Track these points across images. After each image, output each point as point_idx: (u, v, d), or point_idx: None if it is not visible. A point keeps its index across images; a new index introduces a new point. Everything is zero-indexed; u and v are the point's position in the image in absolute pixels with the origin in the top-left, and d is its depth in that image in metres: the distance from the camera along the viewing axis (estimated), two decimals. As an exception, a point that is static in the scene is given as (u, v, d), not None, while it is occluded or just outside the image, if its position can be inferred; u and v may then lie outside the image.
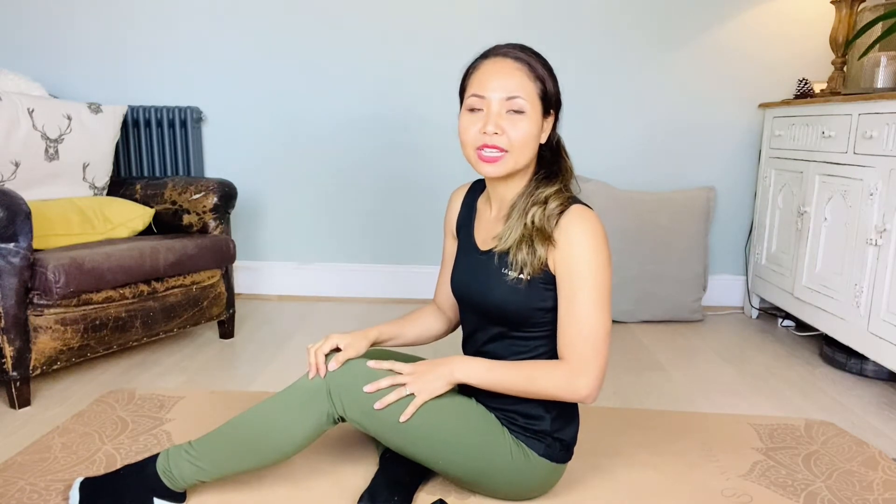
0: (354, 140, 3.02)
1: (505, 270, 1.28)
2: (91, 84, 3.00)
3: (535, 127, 1.24)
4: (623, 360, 2.34)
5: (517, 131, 1.23)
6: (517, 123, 1.23)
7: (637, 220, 2.77)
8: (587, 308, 1.22)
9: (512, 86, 1.22)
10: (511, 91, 1.22)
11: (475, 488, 1.39)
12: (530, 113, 1.23)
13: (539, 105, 1.24)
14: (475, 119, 1.25)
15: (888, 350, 1.96)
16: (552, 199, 1.26)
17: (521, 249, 1.25)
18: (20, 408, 1.83)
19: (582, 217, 1.24)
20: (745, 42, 2.88)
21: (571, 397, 1.24)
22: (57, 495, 1.38)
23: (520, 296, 1.27)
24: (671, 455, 1.62)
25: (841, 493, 1.47)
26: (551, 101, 1.27)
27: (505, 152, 1.24)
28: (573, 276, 1.22)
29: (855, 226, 2.14)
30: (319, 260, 3.15)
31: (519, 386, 1.25)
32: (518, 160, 1.26)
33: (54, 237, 2.09)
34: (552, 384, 1.23)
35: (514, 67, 1.23)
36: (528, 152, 1.27)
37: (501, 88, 1.22)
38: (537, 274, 1.25)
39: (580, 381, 1.22)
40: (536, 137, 1.26)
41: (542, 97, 1.25)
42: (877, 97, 2.05)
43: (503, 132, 1.23)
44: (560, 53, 2.91)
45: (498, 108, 1.23)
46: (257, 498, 1.39)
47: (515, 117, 1.23)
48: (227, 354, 2.34)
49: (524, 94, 1.22)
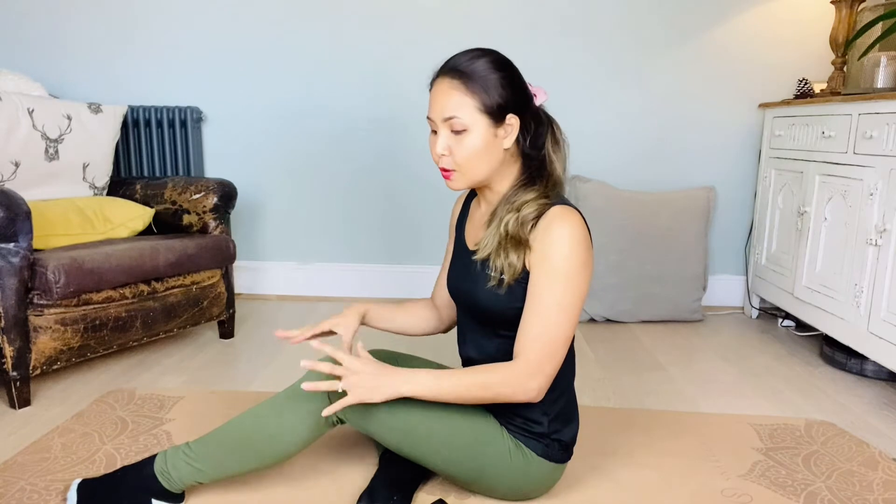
0: (354, 140, 3.02)
1: (487, 273, 1.29)
2: (91, 84, 3.00)
3: (481, 140, 1.23)
4: (623, 360, 2.34)
5: (461, 150, 1.24)
6: (461, 142, 1.24)
7: (637, 220, 2.77)
8: (552, 310, 1.20)
9: (449, 107, 1.23)
10: (448, 112, 1.23)
11: (474, 488, 1.39)
12: (473, 128, 1.23)
13: (483, 117, 1.23)
14: (433, 140, 1.28)
15: (888, 350, 1.95)
16: (527, 206, 1.25)
17: (500, 256, 1.26)
18: (20, 408, 1.83)
19: (563, 217, 1.22)
20: (745, 42, 2.88)
21: (521, 398, 1.23)
22: (57, 495, 1.38)
23: (502, 298, 1.27)
24: (671, 455, 1.62)
25: (841, 493, 1.47)
26: (497, 108, 1.23)
27: (454, 171, 1.27)
28: (543, 276, 1.21)
29: (855, 226, 2.14)
30: (319, 260, 3.15)
31: (472, 393, 1.22)
32: (472, 175, 1.27)
33: (54, 237, 2.09)
34: (506, 388, 1.22)
35: (449, 87, 1.23)
36: (483, 165, 1.26)
37: (440, 110, 1.24)
38: (517, 277, 1.25)
39: (532, 383, 1.21)
40: (488, 148, 1.25)
41: (484, 109, 1.22)
42: (877, 97, 2.05)
43: (450, 152, 1.25)
44: (560, 53, 2.93)
45: (443, 130, 1.25)
46: (257, 498, 1.39)
47: (459, 136, 1.24)
48: (227, 354, 2.34)
49: (461, 112, 1.22)
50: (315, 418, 1.26)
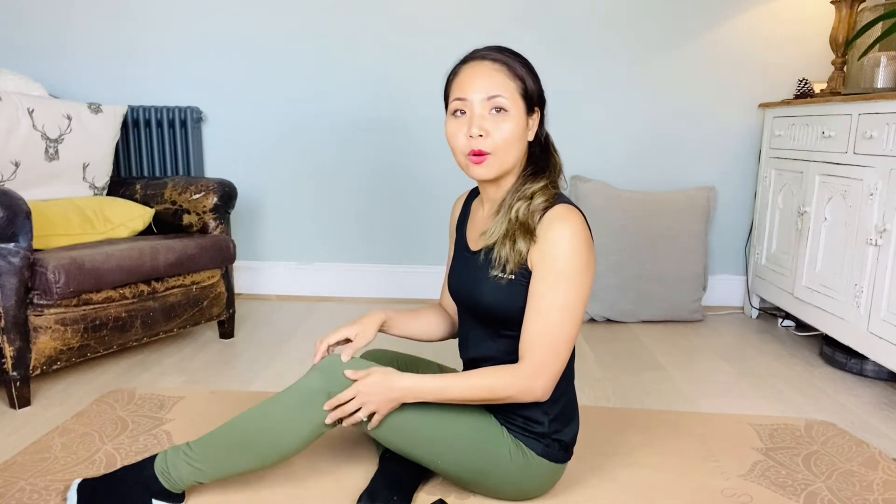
0: (355, 140, 3.02)
1: (489, 268, 1.29)
2: (91, 84, 3.00)
3: (518, 126, 1.25)
4: (623, 360, 2.34)
5: (500, 131, 1.24)
6: (500, 123, 1.24)
7: (637, 220, 2.77)
8: (556, 311, 1.21)
9: (492, 86, 1.23)
10: (492, 91, 1.23)
11: (474, 488, 1.39)
12: (513, 111, 1.24)
13: (521, 103, 1.25)
14: (460, 124, 1.26)
15: (888, 350, 1.95)
16: (538, 195, 1.26)
17: (505, 245, 1.26)
18: (20, 408, 1.83)
19: (565, 217, 1.23)
20: (745, 42, 2.88)
21: (526, 399, 1.24)
22: (57, 495, 1.38)
23: (503, 294, 1.27)
24: (671, 455, 1.62)
25: (841, 493, 1.47)
26: (533, 98, 1.27)
27: (489, 154, 1.25)
28: (545, 277, 1.22)
29: (855, 226, 2.14)
30: (319, 260, 3.15)
31: (478, 396, 1.24)
32: (504, 161, 1.27)
33: (54, 237, 2.09)
34: (512, 390, 1.23)
35: (493, 69, 1.25)
36: (515, 152, 1.27)
37: (482, 89, 1.24)
38: (518, 270, 1.25)
39: (538, 383, 1.22)
40: (522, 136, 1.27)
41: (524, 95, 1.26)
42: (877, 97, 2.05)
43: (487, 134, 1.24)
44: (560, 53, 2.93)
45: (480, 110, 1.24)
46: (257, 498, 1.39)
47: (498, 117, 1.24)
48: (227, 354, 2.34)
49: (505, 92, 1.23)
50: (315, 418, 1.26)
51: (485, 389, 1.23)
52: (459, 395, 1.25)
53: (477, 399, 1.25)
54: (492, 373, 1.24)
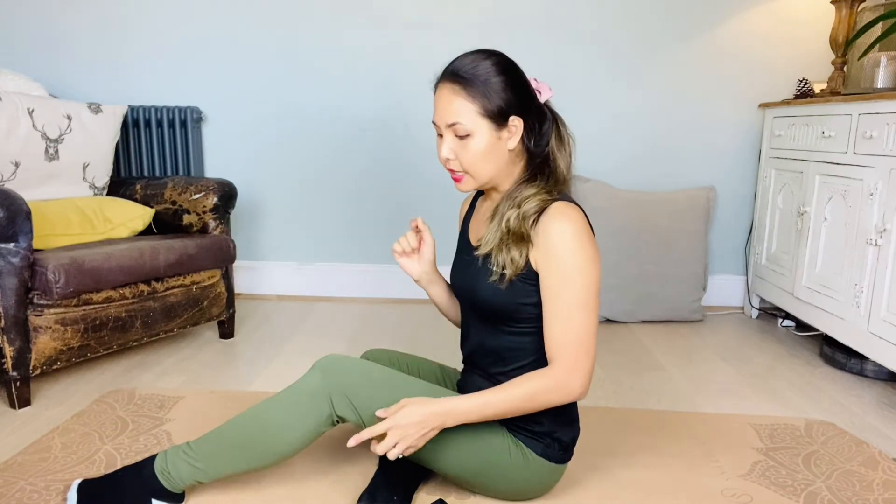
0: (355, 140, 3.02)
1: (489, 269, 1.29)
2: (91, 84, 3.00)
3: (486, 143, 1.25)
4: (623, 360, 2.34)
5: (467, 153, 1.26)
6: (465, 146, 1.25)
7: (637, 220, 2.77)
8: (572, 309, 1.21)
9: (450, 114, 1.24)
10: (450, 118, 1.24)
11: (474, 488, 1.39)
12: (476, 132, 1.24)
13: (484, 122, 1.24)
14: (440, 143, 1.30)
15: (888, 350, 1.95)
16: (528, 201, 1.26)
17: (501, 252, 1.27)
18: (20, 408, 1.83)
19: (562, 214, 1.23)
20: (745, 42, 2.88)
21: (567, 399, 1.24)
22: (57, 495, 1.38)
23: (503, 294, 1.27)
24: (671, 455, 1.62)
25: (841, 493, 1.47)
26: (498, 112, 1.24)
27: (465, 173, 1.29)
28: (555, 276, 1.22)
29: (855, 226, 2.14)
30: (319, 260, 3.15)
31: (518, 406, 1.23)
32: (480, 176, 1.28)
33: (54, 237, 2.09)
34: (551, 394, 1.22)
35: (450, 92, 1.24)
36: (489, 166, 1.28)
37: (443, 116, 1.25)
38: (519, 273, 1.25)
39: (574, 382, 1.22)
40: (492, 150, 1.26)
41: (486, 113, 1.23)
42: (877, 97, 2.05)
43: (456, 156, 1.27)
44: (560, 53, 2.93)
45: (448, 134, 1.27)
46: (257, 498, 1.39)
47: (463, 141, 1.25)
48: (227, 354, 2.34)
49: (463, 117, 1.23)
50: (315, 418, 1.26)
51: (525, 398, 1.22)
52: (500, 409, 1.23)
53: (517, 410, 1.24)
54: (527, 381, 1.23)
